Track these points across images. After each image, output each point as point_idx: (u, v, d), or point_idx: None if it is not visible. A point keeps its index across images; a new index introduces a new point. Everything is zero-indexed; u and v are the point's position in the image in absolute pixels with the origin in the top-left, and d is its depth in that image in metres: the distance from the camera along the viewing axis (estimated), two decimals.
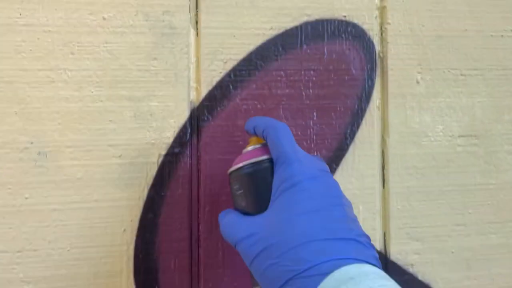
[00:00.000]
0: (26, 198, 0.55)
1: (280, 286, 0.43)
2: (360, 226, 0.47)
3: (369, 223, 0.63)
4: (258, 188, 0.49)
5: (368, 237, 0.47)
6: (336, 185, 0.49)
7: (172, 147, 0.58)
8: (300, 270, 0.42)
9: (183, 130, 0.59)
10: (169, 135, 0.59)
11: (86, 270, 0.56)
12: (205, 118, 0.60)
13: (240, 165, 0.50)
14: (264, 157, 0.50)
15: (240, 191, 0.50)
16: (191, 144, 0.59)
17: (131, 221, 0.57)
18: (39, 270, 0.55)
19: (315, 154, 0.62)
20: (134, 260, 0.57)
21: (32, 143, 0.55)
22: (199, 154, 0.59)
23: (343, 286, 0.40)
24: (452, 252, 0.65)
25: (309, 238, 0.43)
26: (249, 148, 0.52)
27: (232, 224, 0.48)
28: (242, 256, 0.47)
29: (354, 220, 0.47)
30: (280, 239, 0.44)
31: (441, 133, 0.65)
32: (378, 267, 0.44)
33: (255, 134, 0.53)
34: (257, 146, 0.52)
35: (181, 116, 0.59)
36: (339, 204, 0.47)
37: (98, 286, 0.57)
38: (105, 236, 0.57)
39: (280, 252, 0.44)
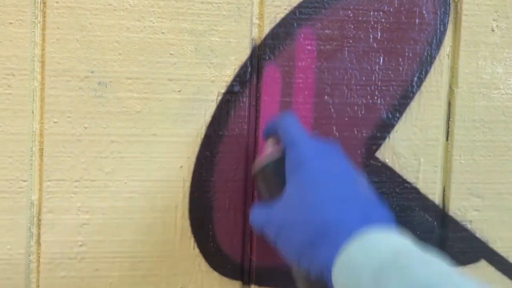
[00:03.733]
0: (85, 128, 0.51)
1: (298, 253, 0.41)
2: (371, 191, 0.44)
3: (430, 176, 0.56)
4: (276, 180, 0.47)
5: (382, 201, 0.43)
6: (343, 160, 0.46)
7: (231, 85, 0.53)
8: (314, 232, 0.40)
9: (243, 68, 0.53)
10: (229, 73, 0.53)
11: (142, 203, 0.52)
12: (266, 57, 0.53)
13: (259, 166, 0.48)
14: (278, 149, 0.48)
15: (263, 187, 0.49)
16: (250, 84, 0.53)
17: (188, 158, 0.53)
18: (96, 200, 0.51)
19: (379, 101, 0.55)
20: (189, 197, 0.53)
21: (92, 72, 0.50)
22: (258, 94, 0.53)
23: (365, 247, 0.38)
24: None
25: (319, 202, 0.41)
26: (267, 146, 0.50)
27: (255, 214, 0.47)
28: (270, 241, 0.45)
29: (366, 186, 0.45)
30: (293, 211, 0.43)
31: None
32: (391, 228, 0.41)
33: (269, 132, 0.50)
34: (272, 142, 0.50)
35: (242, 53, 0.53)
36: (348, 175, 0.44)
37: (154, 220, 0.52)
38: (162, 171, 0.52)
39: (294, 221, 0.42)
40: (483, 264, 0.58)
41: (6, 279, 0.50)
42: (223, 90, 0.52)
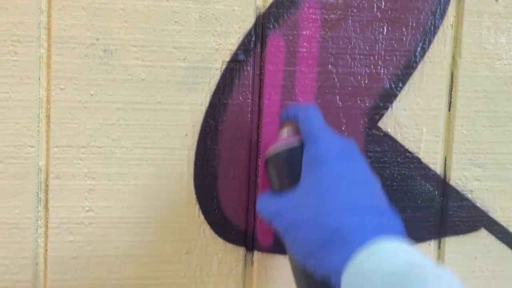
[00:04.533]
0: (91, 95, 0.51)
1: (308, 254, 0.41)
2: (385, 201, 0.44)
3: (431, 146, 0.56)
4: (290, 170, 0.46)
5: (394, 212, 0.43)
6: (363, 163, 0.45)
7: (235, 54, 0.52)
8: (326, 236, 0.40)
9: (248, 37, 0.52)
10: (233, 41, 0.52)
11: (147, 170, 0.52)
12: (271, 26, 0.53)
13: (275, 151, 0.47)
14: (296, 139, 0.47)
15: (275, 175, 0.48)
16: (255, 53, 0.53)
17: (193, 126, 0.52)
18: (103, 167, 0.51)
19: (382, 71, 0.55)
20: (194, 165, 0.53)
21: (98, 39, 0.50)
22: (262, 63, 0.53)
23: (377, 258, 0.37)
24: None
25: (334, 207, 0.41)
26: (283, 132, 0.49)
27: (264, 203, 0.47)
28: (276, 231, 0.45)
29: (380, 194, 0.44)
30: (306, 210, 0.42)
31: None
32: (402, 240, 0.40)
33: (288, 118, 0.50)
34: (290, 128, 0.49)
35: (247, 22, 0.52)
36: (364, 181, 0.44)
37: (159, 187, 0.52)
38: (167, 139, 0.52)
39: (306, 221, 0.42)
40: (483, 233, 0.58)
41: (15, 243, 0.51)
42: (227, 59, 0.52)
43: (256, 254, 0.55)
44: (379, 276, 0.36)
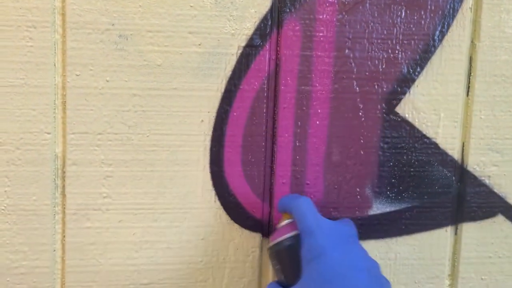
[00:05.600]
0: (107, 81, 0.50)
1: None
2: (387, 284, 0.46)
3: (449, 131, 0.55)
4: (291, 262, 0.47)
5: None
6: (360, 250, 0.47)
7: (251, 38, 0.51)
8: None
9: (264, 21, 0.51)
10: (249, 26, 0.51)
11: (164, 156, 0.51)
12: (287, 10, 0.51)
13: (273, 243, 0.49)
14: (293, 232, 0.48)
15: (277, 266, 0.49)
16: (271, 37, 0.51)
17: (208, 112, 0.51)
18: (119, 153, 0.51)
19: (400, 55, 0.54)
20: (210, 151, 0.52)
21: (113, 25, 0.49)
22: (278, 48, 0.52)
23: None
24: None
25: None
26: (281, 224, 0.50)
27: None
28: None
29: (380, 279, 0.46)
30: None
31: None
32: None
33: (285, 211, 0.50)
34: (288, 221, 0.50)
35: (262, 6, 0.51)
36: (362, 269, 0.45)
37: (175, 173, 0.52)
38: (183, 125, 0.51)
39: None
40: (500, 219, 0.57)
41: (33, 229, 0.50)
42: (243, 44, 0.51)
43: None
44: None
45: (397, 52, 0.53)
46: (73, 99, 0.49)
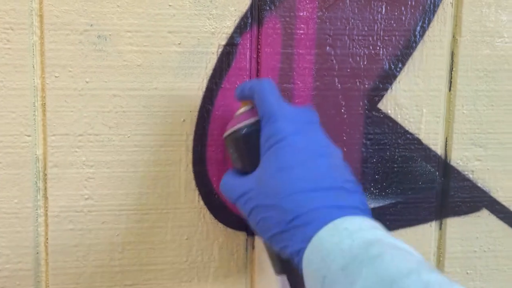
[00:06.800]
0: (87, 82, 0.49)
1: (271, 237, 0.41)
2: (349, 173, 0.43)
3: (432, 126, 0.54)
4: (250, 149, 0.45)
5: (355, 182, 0.43)
6: (322, 136, 0.44)
7: (232, 37, 0.50)
8: (286, 221, 0.40)
9: (244, 19, 0.51)
10: (229, 24, 0.50)
11: (146, 157, 0.51)
12: (267, 8, 0.51)
13: (231, 130, 0.47)
14: (253, 118, 0.45)
15: (235, 154, 0.47)
16: (251, 35, 0.51)
17: (190, 111, 0.51)
18: (100, 154, 0.50)
19: (381, 51, 0.53)
20: (192, 150, 0.51)
21: (91, 25, 0.48)
22: (259, 46, 0.51)
23: (336, 235, 0.37)
24: None
25: (293, 190, 0.41)
26: (240, 111, 0.47)
27: (228, 185, 0.46)
28: (241, 212, 0.45)
29: (341, 167, 0.43)
30: (267, 194, 0.42)
31: None
32: (366, 212, 0.41)
33: (244, 97, 0.47)
34: (247, 108, 0.47)
35: (242, 4, 0.50)
36: (323, 155, 0.43)
37: (158, 173, 0.51)
38: (165, 125, 0.51)
39: (268, 206, 0.41)
40: (484, 213, 0.56)
41: (15, 232, 0.50)
42: (223, 42, 0.50)
43: (257, 238, 0.54)
44: (339, 251, 0.36)
45: (378, 48, 0.52)
46: (53, 101, 0.49)
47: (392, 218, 0.55)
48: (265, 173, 0.42)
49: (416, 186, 0.55)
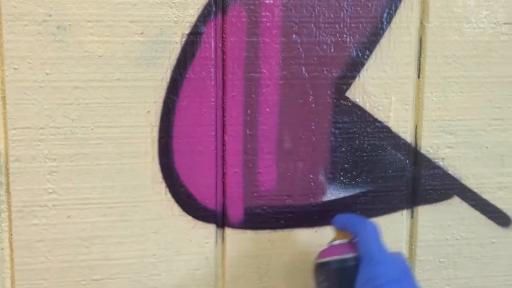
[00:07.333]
0: (47, 74, 0.48)
1: None
2: None
3: (401, 114, 0.53)
4: (343, 283, 0.46)
5: None
6: (414, 286, 0.46)
7: (195, 26, 0.49)
8: None
9: (207, 8, 0.49)
10: (193, 13, 0.49)
11: (110, 149, 0.50)
12: None
13: (328, 259, 0.47)
14: (351, 254, 0.47)
15: (324, 284, 0.47)
16: (216, 24, 0.50)
17: (154, 102, 0.50)
18: (63, 147, 0.49)
19: (348, 39, 0.52)
20: (158, 142, 0.51)
21: (50, 16, 0.47)
22: (224, 35, 0.51)
23: None
24: (487, 148, 0.56)
25: None
26: (336, 242, 0.48)
27: None
28: None
29: None
30: None
31: (485, 20, 0.53)
32: None
33: (344, 229, 0.49)
34: (345, 241, 0.48)
35: None
36: None
37: (123, 166, 0.50)
38: (129, 116, 0.49)
39: None
40: (456, 201, 0.56)
41: None
42: (187, 31, 0.49)
43: (227, 230, 0.53)
44: None
45: (345, 36, 0.51)
46: (13, 94, 0.47)
47: (363, 207, 0.54)
48: None
49: (386, 175, 0.55)
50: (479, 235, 0.57)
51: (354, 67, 0.52)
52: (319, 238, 0.54)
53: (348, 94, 0.53)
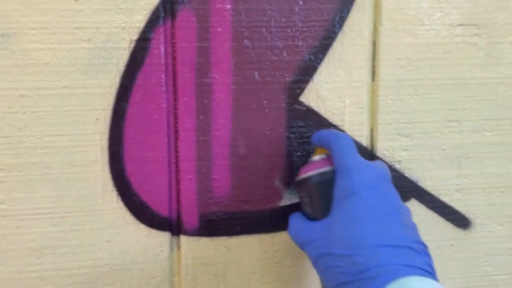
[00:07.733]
0: None
1: (337, 285, 0.43)
2: (417, 234, 0.45)
3: (356, 118, 0.53)
4: (322, 197, 0.47)
5: (423, 244, 0.45)
6: (394, 193, 0.47)
7: (144, 31, 0.48)
8: (354, 273, 0.42)
9: (155, 13, 0.49)
10: (141, 18, 0.48)
11: (59, 158, 0.49)
12: (180, 1, 0.49)
13: (306, 175, 0.48)
14: (328, 168, 0.47)
15: (306, 199, 0.49)
16: (165, 30, 0.49)
17: (103, 109, 0.49)
18: (11, 157, 0.48)
19: (300, 43, 0.52)
20: (108, 150, 0.50)
21: None
22: (174, 40, 0.50)
23: None
24: (443, 149, 0.56)
25: (365, 244, 0.42)
26: (315, 158, 0.49)
27: (298, 228, 0.48)
28: (308, 256, 0.47)
29: (410, 227, 0.45)
30: (338, 244, 0.44)
31: (438, 22, 0.53)
32: (433, 275, 0.42)
33: (321, 145, 0.49)
34: (323, 156, 0.49)
35: None
36: (395, 212, 0.45)
37: (73, 175, 0.49)
38: (77, 124, 0.49)
39: (337, 256, 0.43)
40: (413, 204, 0.56)
41: None
42: (135, 37, 0.48)
43: (183, 237, 0.53)
44: None
45: (297, 40, 0.51)
46: None
47: None
48: (337, 224, 0.44)
49: None
50: (437, 237, 0.57)
51: (307, 71, 0.52)
52: (276, 244, 0.54)
53: (302, 98, 0.52)
